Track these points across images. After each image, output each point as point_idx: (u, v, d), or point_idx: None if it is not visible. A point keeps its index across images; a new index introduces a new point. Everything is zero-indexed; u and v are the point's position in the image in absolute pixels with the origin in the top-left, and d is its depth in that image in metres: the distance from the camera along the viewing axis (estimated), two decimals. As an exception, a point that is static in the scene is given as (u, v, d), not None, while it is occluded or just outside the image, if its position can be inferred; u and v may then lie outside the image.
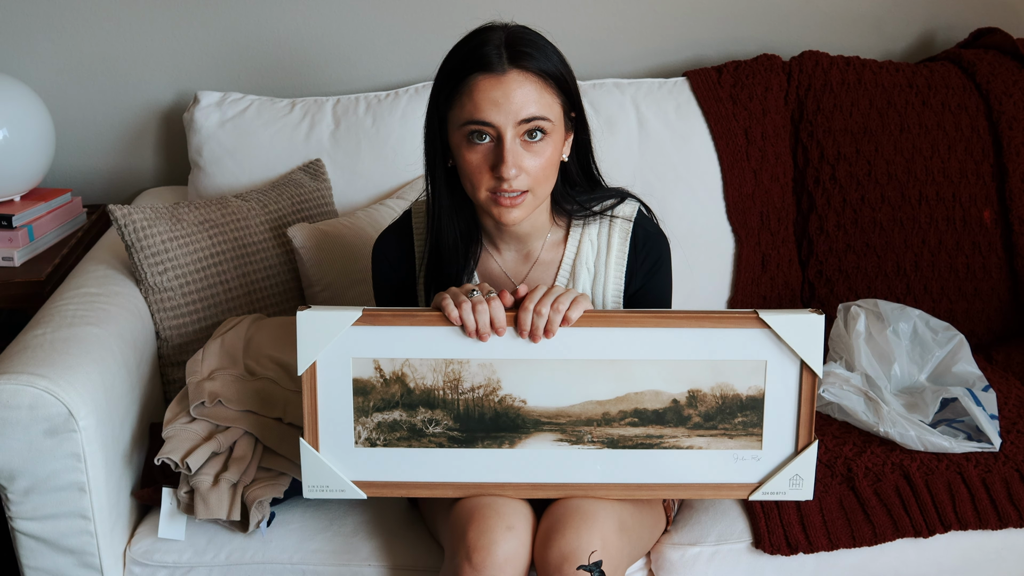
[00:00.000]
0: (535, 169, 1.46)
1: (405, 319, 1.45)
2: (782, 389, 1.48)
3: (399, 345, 1.46)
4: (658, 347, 1.46)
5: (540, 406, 1.48)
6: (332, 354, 1.47)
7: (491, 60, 1.43)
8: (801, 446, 1.50)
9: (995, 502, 1.69)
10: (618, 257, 1.61)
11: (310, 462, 1.51)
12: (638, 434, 1.49)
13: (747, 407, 1.49)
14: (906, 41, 2.46)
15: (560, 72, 1.47)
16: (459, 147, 1.47)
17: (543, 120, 1.45)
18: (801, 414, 1.49)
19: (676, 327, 1.46)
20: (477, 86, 1.43)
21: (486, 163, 1.45)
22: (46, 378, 1.53)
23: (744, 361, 1.47)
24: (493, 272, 1.62)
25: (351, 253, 2.00)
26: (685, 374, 1.47)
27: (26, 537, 1.60)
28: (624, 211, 1.61)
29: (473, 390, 1.48)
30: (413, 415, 1.49)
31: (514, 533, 1.45)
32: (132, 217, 1.88)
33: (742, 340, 1.46)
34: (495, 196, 1.47)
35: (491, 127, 1.44)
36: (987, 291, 2.17)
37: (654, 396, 1.48)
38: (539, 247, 1.61)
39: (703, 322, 1.46)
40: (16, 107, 2.17)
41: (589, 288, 1.61)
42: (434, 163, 1.54)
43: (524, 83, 1.44)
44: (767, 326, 1.45)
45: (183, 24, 2.34)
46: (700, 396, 1.48)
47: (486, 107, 1.43)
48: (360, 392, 1.48)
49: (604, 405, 1.48)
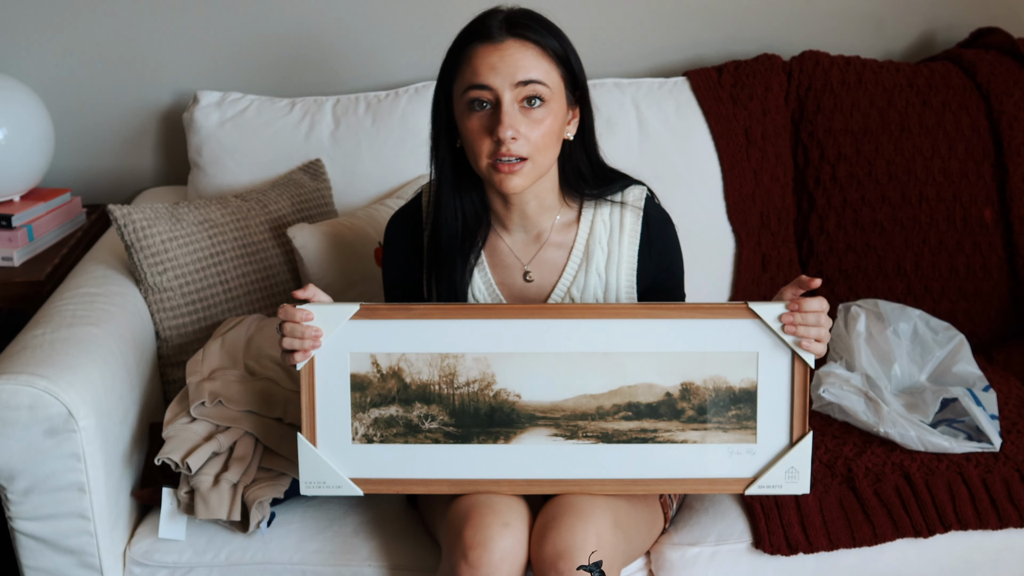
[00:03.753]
0: (535, 137, 1.49)
1: (401, 312, 1.49)
2: (774, 380, 1.50)
3: (395, 339, 1.49)
4: (650, 338, 1.49)
5: (534, 400, 1.50)
6: (330, 349, 1.49)
7: (491, 30, 1.49)
8: (796, 438, 1.51)
9: (995, 502, 1.69)
10: (631, 237, 1.62)
11: (307, 458, 1.52)
12: (632, 428, 1.50)
13: (740, 400, 1.50)
14: (906, 41, 2.46)
15: (559, 46, 1.52)
16: (462, 117, 1.51)
17: (540, 84, 1.48)
18: (794, 405, 1.50)
19: (668, 318, 1.48)
20: (476, 53, 1.48)
21: (485, 128, 1.49)
22: (46, 378, 1.53)
23: (736, 352, 1.49)
24: (501, 253, 1.64)
25: (351, 253, 2.00)
26: (678, 366, 1.49)
27: (26, 537, 1.60)
28: (634, 194, 1.64)
29: (468, 384, 1.50)
30: (409, 410, 1.50)
31: (510, 530, 1.45)
32: (132, 217, 1.88)
33: (733, 331, 1.48)
34: (495, 163, 1.49)
35: (488, 90, 1.47)
36: (987, 291, 2.17)
37: (647, 389, 1.50)
38: (548, 228, 1.62)
39: (694, 313, 1.48)
40: (16, 107, 2.17)
41: (603, 268, 1.62)
42: (439, 142, 1.57)
43: (521, 48, 1.48)
44: (758, 316, 1.47)
45: (183, 24, 2.34)
46: (693, 389, 1.50)
47: (484, 71, 1.47)
48: (357, 387, 1.50)
49: (598, 399, 1.50)
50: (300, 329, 1.48)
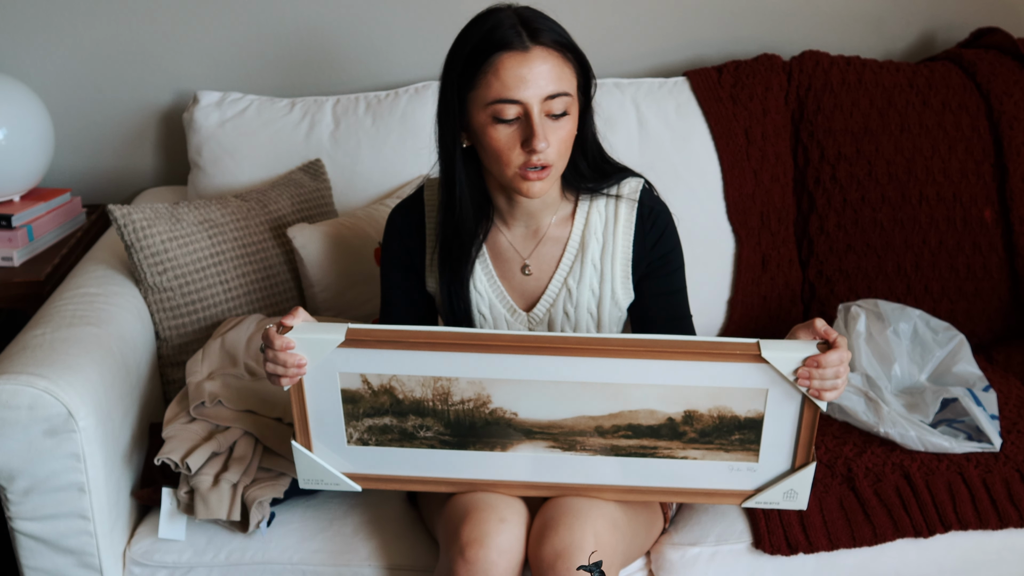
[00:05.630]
0: (558, 143, 1.49)
1: (389, 343, 1.41)
2: (782, 416, 1.43)
3: (385, 363, 1.43)
4: (654, 374, 1.40)
5: (532, 418, 1.46)
6: (318, 371, 1.45)
7: (511, 39, 1.46)
8: (798, 464, 1.47)
9: (995, 502, 1.69)
10: (625, 228, 1.62)
11: (303, 462, 1.52)
12: (632, 445, 1.47)
13: (745, 427, 1.44)
14: (906, 41, 2.46)
15: (573, 44, 1.52)
16: (484, 127, 1.49)
17: (566, 96, 1.48)
18: (800, 438, 1.45)
19: (674, 360, 1.39)
20: (503, 64, 1.46)
21: (515, 139, 1.48)
22: (46, 378, 1.53)
23: (744, 388, 1.41)
24: (501, 247, 1.64)
25: (351, 253, 2.00)
26: (682, 396, 1.42)
27: (26, 537, 1.59)
28: (630, 186, 1.64)
29: (463, 403, 1.45)
30: (403, 421, 1.48)
31: (507, 527, 1.46)
32: (132, 217, 1.88)
33: (742, 373, 1.39)
34: (523, 172, 1.49)
35: (519, 104, 1.46)
36: (988, 291, 2.17)
37: (649, 415, 1.44)
38: (548, 223, 1.63)
39: (701, 355, 1.39)
40: (16, 107, 2.17)
41: (598, 258, 1.63)
42: (451, 143, 1.55)
43: (548, 58, 1.47)
44: (768, 362, 1.38)
45: (183, 24, 2.33)
46: (696, 416, 1.44)
47: (514, 84, 1.46)
48: (349, 400, 1.47)
49: (597, 420, 1.45)
50: (282, 357, 1.43)
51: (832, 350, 1.38)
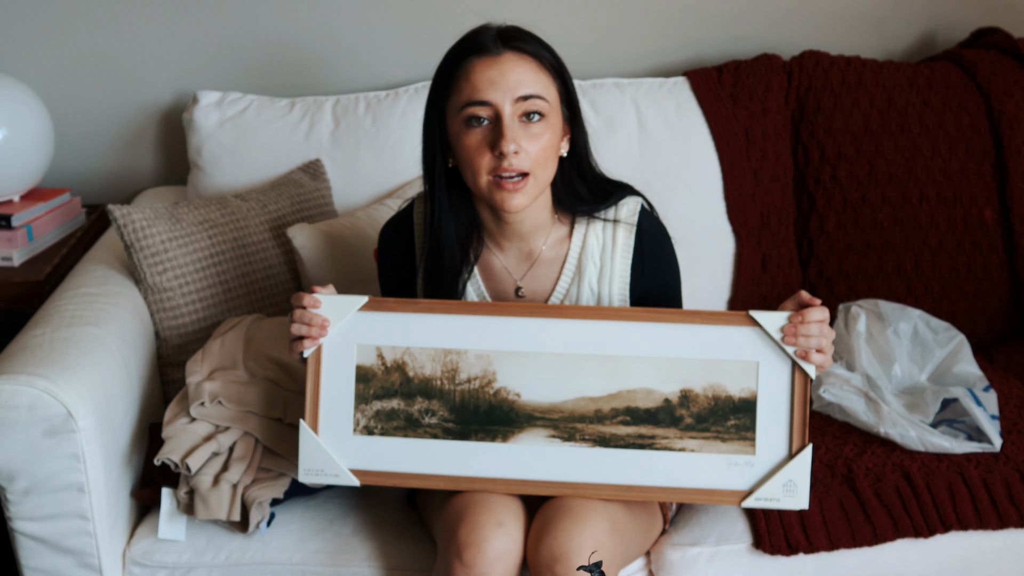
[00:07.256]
0: (535, 151, 1.48)
1: (408, 306, 1.52)
2: (774, 391, 1.49)
3: (401, 333, 1.52)
4: (650, 342, 1.49)
5: (534, 400, 1.51)
6: (338, 338, 1.53)
7: (486, 44, 1.47)
8: (795, 450, 1.50)
9: (996, 502, 1.69)
10: (623, 253, 1.61)
11: (308, 445, 1.54)
12: (630, 433, 1.50)
13: (740, 410, 1.50)
14: (906, 41, 2.46)
15: (555, 59, 1.51)
16: (459, 135, 1.49)
17: (540, 99, 1.47)
18: (794, 417, 1.49)
19: (668, 322, 1.50)
20: (473, 68, 1.47)
21: (485, 144, 1.47)
22: (45, 378, 1.53)
23: (736, 361, 1.49)
24: (495, 269, 1.63)
25: (351, 253, 2.00)
26: (677, 373, 1.50)
27: (25, 537, 1.59)
28: (628, 207, 1.62)
29: (470, 381, 1.51)
30: (411, 404, 1.52)
31: (505, 530, 1.45)
32: (131, 217, 1.88)
33: (734, 339, 1.49)
34: (497, 180, 1.48)
35: (488, 106, 1.46)
36: (988, 291, 2.17)
37: (646, 394, 1.50)
38: (540, 245, 1.62)
39: (695, 318, 1.50)
40: (16, 107, 2.17)
41: (595, 282, 1.62)
42: (433, 162, 1.56)
43: (520, 62, 1.47)
44: (758, 324, 1.48)
45: (183, 24, 2.34)
46: (692, 396, 1.50)
47: (483, 86, 1.46)
48: (362, 379, 1.53)
49: (597, 402, 1.50)
50: (308, 315, 1.50)
51: (813, 308, 1.47)
